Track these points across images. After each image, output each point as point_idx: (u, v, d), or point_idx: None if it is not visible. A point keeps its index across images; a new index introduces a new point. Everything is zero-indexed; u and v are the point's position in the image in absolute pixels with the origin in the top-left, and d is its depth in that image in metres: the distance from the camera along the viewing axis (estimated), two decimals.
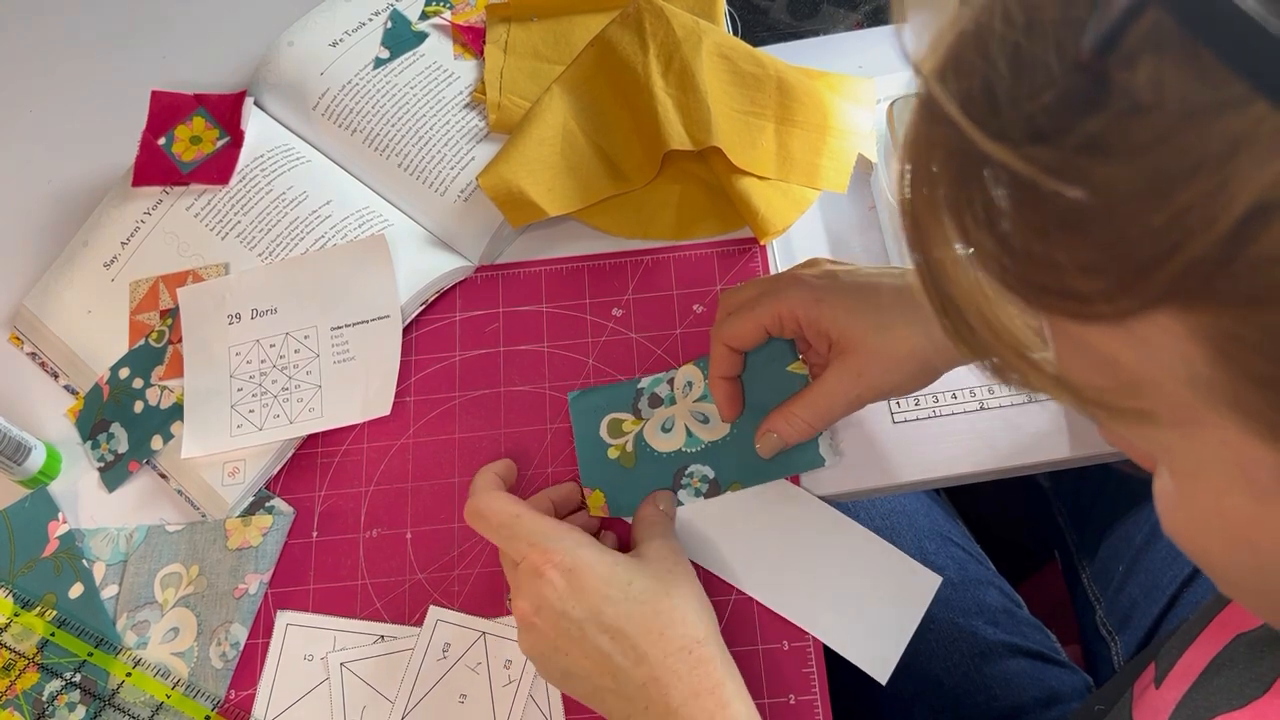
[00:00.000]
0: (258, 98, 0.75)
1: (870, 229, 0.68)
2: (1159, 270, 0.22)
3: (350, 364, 0.65)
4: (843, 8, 0.82)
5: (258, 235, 0.69)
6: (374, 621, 0.60)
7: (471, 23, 0.76)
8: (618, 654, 0.50)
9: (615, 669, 0.50)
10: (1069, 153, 0.23)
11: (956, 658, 0.70)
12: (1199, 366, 0.24)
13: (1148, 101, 0.22)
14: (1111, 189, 0.22)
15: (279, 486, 0.64)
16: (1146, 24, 0.22)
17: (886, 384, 0.55)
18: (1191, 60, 0.21)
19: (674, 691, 0.49)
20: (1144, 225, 0.22)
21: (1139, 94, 0.22)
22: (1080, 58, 0.22)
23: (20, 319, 0.72)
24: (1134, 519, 0.75)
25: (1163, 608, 0.70)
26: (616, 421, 0.63)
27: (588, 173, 0.68)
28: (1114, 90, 0.22)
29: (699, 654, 0.50)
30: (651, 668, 0.50)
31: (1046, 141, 0.23)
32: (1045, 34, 0.23)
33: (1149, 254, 0.22)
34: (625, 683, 0.50)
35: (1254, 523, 0.28)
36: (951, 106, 0.24)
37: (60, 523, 0.64)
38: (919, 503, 0.74)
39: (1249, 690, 0.38)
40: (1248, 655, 0.40)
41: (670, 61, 0.67)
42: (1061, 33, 0.23)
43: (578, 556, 0.52)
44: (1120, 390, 0.27)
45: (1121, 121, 0.22)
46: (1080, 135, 0.23)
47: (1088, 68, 0.22)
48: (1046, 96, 0.23)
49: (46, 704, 0.59)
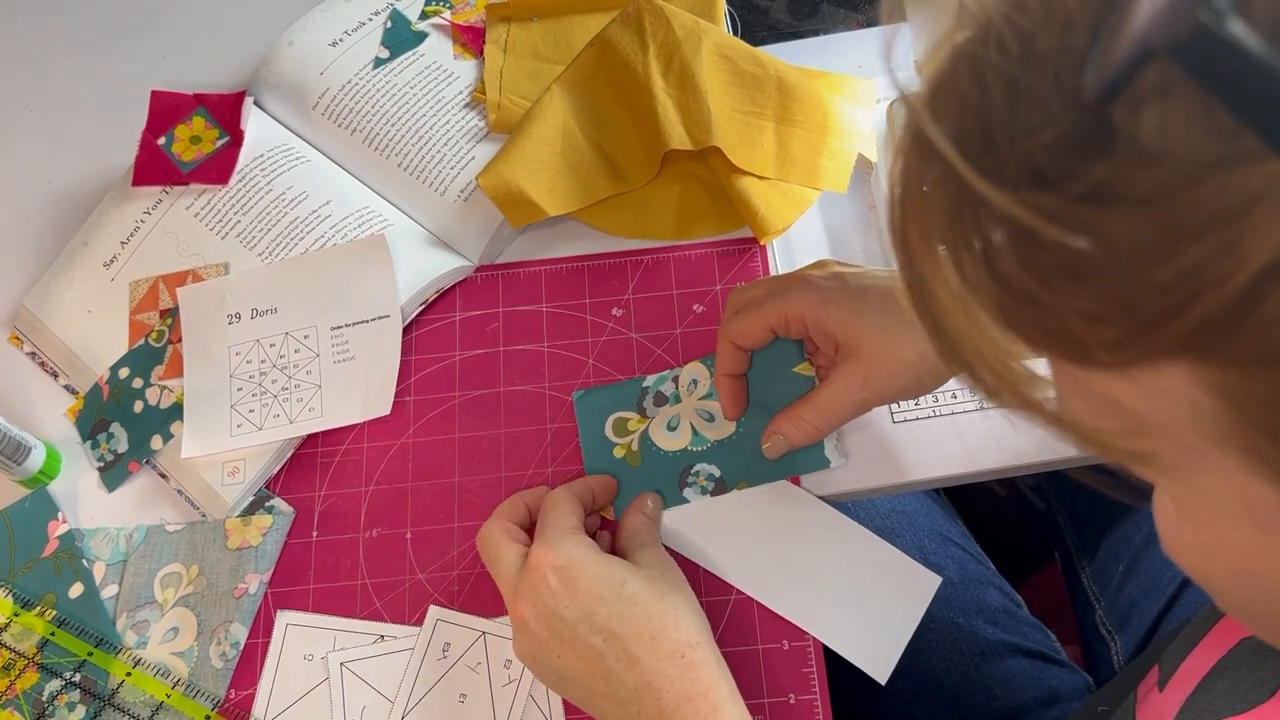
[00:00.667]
0: (258, 97, 0.75)
1: (870, 229, 0.69)
2: (1167, 326, 0.21)
3: (350, 364, 0.65)
4: (843, 8, 0.82)
5: (258, 235, 0.69)
6: (374, 621, 0.60)
7: (471, 22, 0.76)
8: (610, 656, 0.50)
9: (607, 671, 0.50)
10: (1072, 200, 0.22)
11: (956, 657, 0.70)
12: (1206, 413, 0.23)
13: (1155, 150, 0.21)
14: (1117, 240, 0.21)
15: (279, 486, 0.64)
16: (1153, 71, 0.21)
17: (893, 389, 0.54)
18: (1201, 110, 0.20)
19: (667, 696, 0.49)
20: (1151, 279, 0.21)
21: (1145, 142, 0.21)
22: (1082, 99, 0.21)
23: (20, 319, 0.72)
24: (1134, 519, 0.75)
25: (1162, 607, 0.70)
26: (622, 420, 0.63)
27: (588, 173, 0.68)
28: (1118, 135, 0.21)
29: (691, 658, 0.50)
30: (644, 672, 0.49)
31: (1048, 187, 0.22)
32: (1043, 66, 0.22)
33: (1157, 309, 0.21)
34: (617, 686, 0.50)
35: (1258, 554, 0.27)
36: (945, 144, 0.23)
37: (60, 522, 0.64)
38: (919, 503, 0.74)
39: (1253, 695, 0.38)
40: (1251, 660, 0.40)
41: (670, 61, 0.67)
42: (1060, 65, 0.22)
43: (572, 556, 0.52)
44: (1122, 432, 0.26)
45: (1127, 170, 0.21)
46: (1084, 182, 0.22)
47: (1089, 109, 0.21)
48: (1046, 135, 0.22)
49: (46, 704, 0.59)
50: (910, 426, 0.62)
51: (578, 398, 0.64)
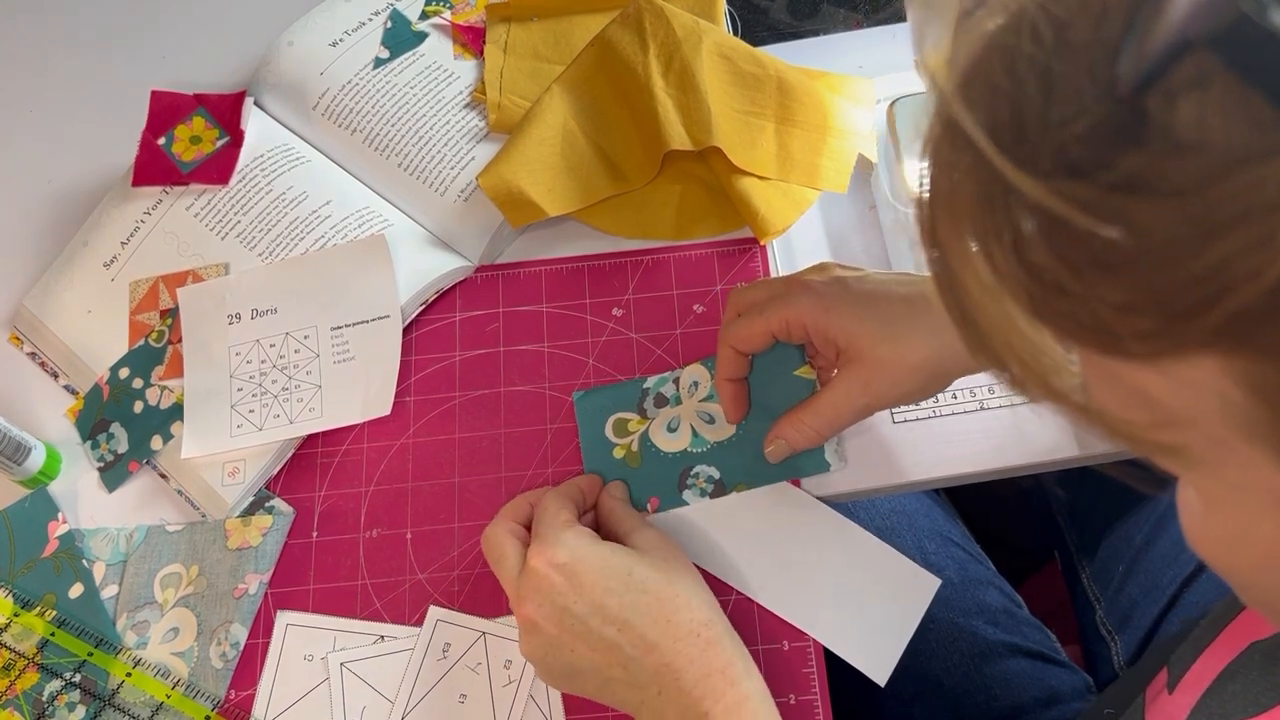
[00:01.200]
0: (258, 98, 0.75)
1: (870, 229, 0.68)
2: (1199, 317, 0.21)
3: (350, 364, 0.65)
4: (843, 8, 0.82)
5: (258, 235, 0.69)
6: (374, 621, 0.60)
7: (471, 23, 0.76)
8: (627, 645, 0.50)
9: (626, 659, 0.50)
10: (1105, 190, 0.22)
11: (956, 658, 0.70)
12: (1236, 406, 0.23)
13: (1190, 141, 0.21)
14: (1150, 231, 0.21)
15: (279, 486, 0.64)
16: (1189, 62, 0.20)
17: (895, 394, 0.54)
18: (1239, 102, 0.20)
19: (686, 675, 0.50)
20: (1185, 271, 0.21)
21: (1180, 133, 0.21)
22: (1117, 90, 0.21)
23: (20, 319, 0.72)
24: (1134, 519, 0.75)
25: (1163, 608, 0.70)
26: (622, 421, 0.63)
27: (588, 173, 0.68)
28: (1152, 126, 0.21)
29: (707, 636, 0.51)
30: (662, 654, 0.50)
31: (1081, 177, 0.22)
32: (1077, 56, 0.22)
33: (1189, 300, 0.21)
34: (637, 672, 0.50)
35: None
36: (977, 132, 0.23)
37: (60, 523, 0.64)
38: (919, 503, 0.74)
39: (1263, 699, 0.38)
40: (1262, 663, 0.40)
41: (670, 61, 0.67)
42: (1095, 55, 0.22)
43: (573, 550, 0.52)
44: (1151, 425, 0.26)
45: (1161, 161, 0.21)
46: (1118, 172, 0.21)
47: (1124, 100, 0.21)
48: (1079, 125, 0.22)
49: (46, 704, 0.59)
50: (910, 427, 0.62)
51: (578, 398, 0.64)
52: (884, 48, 0.75)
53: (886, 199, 0.66)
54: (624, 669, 0.50)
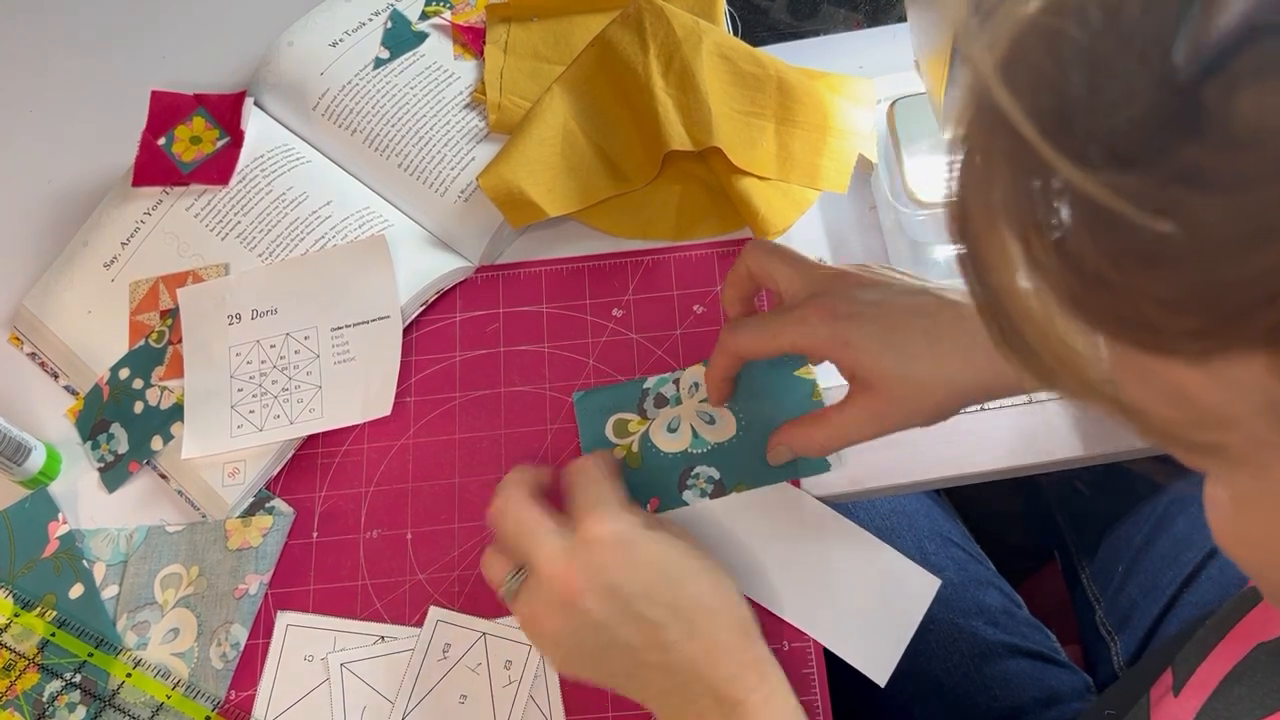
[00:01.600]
0: (258, 98, 0.75)
1: (870, 229, 0.69)
2: (1252, 318, 0.21)
3: (350, 364, 0.65)
4: (843, 8, 0.82)
5: (258, 235, 0.69)
6: (374, 622, 0.60)
7: (471, 23, 0.76)
8: (672, 628, 0.50)
9: (667, 642, 0.50)
10: (1156, 183, 0.21)
11: (956, 658, 0.70)
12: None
13: (1249, 136, 0.20)
14: (1203, 227, 0.20)
15: (279, 487, 0.64)
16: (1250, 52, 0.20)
17: (908, 425, 0.53)
18: None
19: (721, 666, 0.50)
20: (1238, 269, 0.20)
21: (1238, 126, 0.20)
22: (1173, 79, 0.20)
23: (20, 319, 0.72)
24: (1134, 519, 0.75)
25: (1163, 608, 0.70)
26: (622, 421, 0.63)
27: (588, 173, 0.68)
28: (1208, 118, 0.20)
29: (745, 631, 0.52)
30: (704, 641, 0.50)
31: (1131, 168, 0.21)
32: (1127, 40, 0.21)
33: (1242, 300, 0.21)
34: (676, 655, 0.50)
35: None
36: (1020, 117, 0.22)
37: (60, 523, 0.64)
38: (919, 503, 0.74)
39: (1271, 700, 0.38)
40: (1270, 665, 0.40)
41: (670, 61, 0.67)
42: (1145, 39, 0.21)
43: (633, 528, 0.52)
44: (1190, 423, 0.25)
45: (1217, 155, 0.20)
46: (1172, 165, 0.20)
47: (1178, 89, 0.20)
48: (1128, 114, 0.21)
49: (47, 704, 0.59)
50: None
51: (578, 398, 0.64)
52: (884, 48, 0.75)
53: (886, 199, 0.66)
54: (664, 651, 0.50)
